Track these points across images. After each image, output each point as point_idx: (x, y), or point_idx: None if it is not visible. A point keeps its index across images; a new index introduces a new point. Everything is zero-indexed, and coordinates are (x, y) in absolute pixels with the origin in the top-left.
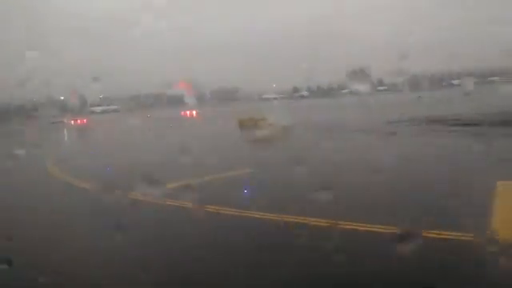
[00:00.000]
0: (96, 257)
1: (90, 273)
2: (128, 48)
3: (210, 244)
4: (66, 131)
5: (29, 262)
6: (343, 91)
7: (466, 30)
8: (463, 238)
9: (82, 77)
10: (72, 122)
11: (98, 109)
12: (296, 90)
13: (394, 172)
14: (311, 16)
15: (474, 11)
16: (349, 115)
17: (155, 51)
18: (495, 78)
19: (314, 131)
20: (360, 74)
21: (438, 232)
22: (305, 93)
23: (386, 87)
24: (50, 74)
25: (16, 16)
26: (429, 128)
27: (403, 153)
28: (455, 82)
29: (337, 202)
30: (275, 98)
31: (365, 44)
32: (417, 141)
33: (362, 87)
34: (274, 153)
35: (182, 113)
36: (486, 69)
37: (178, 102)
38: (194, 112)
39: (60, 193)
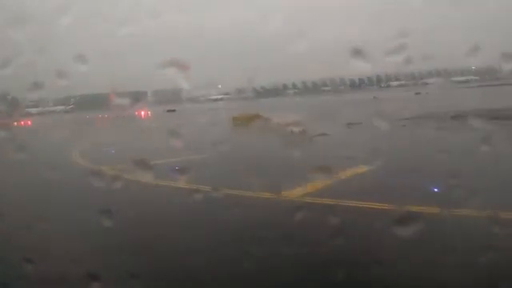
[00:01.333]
0: None
1: None
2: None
3: None
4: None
5: None
6: (288, 91)
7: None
8: None
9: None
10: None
11: (34, 110)
12: (241, 90)
13: None
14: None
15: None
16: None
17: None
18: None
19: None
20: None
21: None
22: (250, 93)
23: (329, 88)
24: None
25: None
26: (464, 123)
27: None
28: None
29: None
30: (221, 99)
31: (314, 44)
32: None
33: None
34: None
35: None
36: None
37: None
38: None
39: None
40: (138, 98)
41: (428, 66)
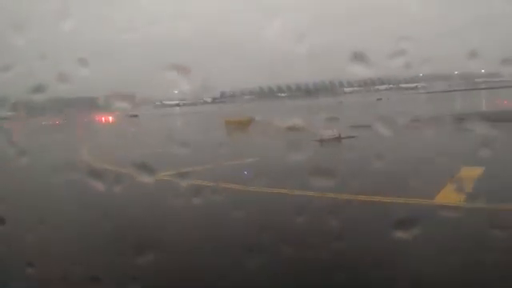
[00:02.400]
0: None
1: None
2: None
3: None
4: None
5: None
6: (245, 97)
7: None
8: None
9: None
10: None
11: None
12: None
13: None
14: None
15: None
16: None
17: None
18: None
19: None
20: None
21: None
22: (208, 99)
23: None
24: None
25: None
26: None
27: None
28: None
29: None
30: (177, 104)
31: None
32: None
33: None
34: None
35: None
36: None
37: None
38: None
39: None
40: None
41: (379, 72)
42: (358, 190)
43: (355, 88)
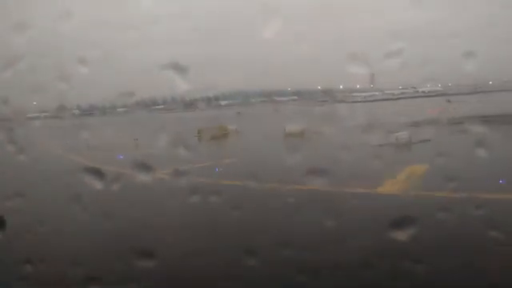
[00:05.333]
0: None
1: None
2: None
3: None
4: None
5: None
6: (119, 110)
7: None
8: None
9: None
10: None
11: None
12: (63, 108)
13: None
14: None
15: None
16: None
17: None
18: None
19: None
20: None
21: None
22: (76, 111)
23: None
24: None
25: None
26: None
27: None
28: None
29: None
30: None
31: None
32: None
33: None
34: None
35: None
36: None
37: None
38: None
39: None
40: None
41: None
42: None
43: (229, 102)
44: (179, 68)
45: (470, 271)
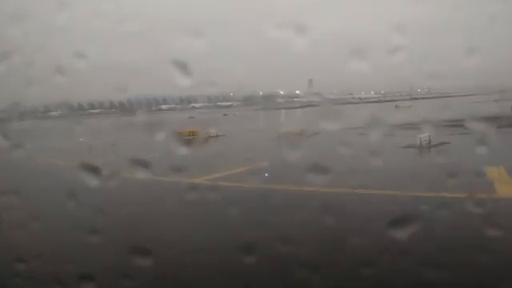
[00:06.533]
0: None
1: None
2: None
3: None
4: None
5: None
6: (93, 111)
7: None
8: None
9: None
10: None
11: None
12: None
13: None
14: None
15: None
16: None
17: None
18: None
19: None
20: None
21: None
22: (54, 113)
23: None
24: None
25: None
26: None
27: None
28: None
29: None
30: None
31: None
32: None
33: None
34: None
35: None
36: None
37: None
38: None
39: None
40: None
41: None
42: None
43: (171, 105)
44: None
45: (469, 271)
